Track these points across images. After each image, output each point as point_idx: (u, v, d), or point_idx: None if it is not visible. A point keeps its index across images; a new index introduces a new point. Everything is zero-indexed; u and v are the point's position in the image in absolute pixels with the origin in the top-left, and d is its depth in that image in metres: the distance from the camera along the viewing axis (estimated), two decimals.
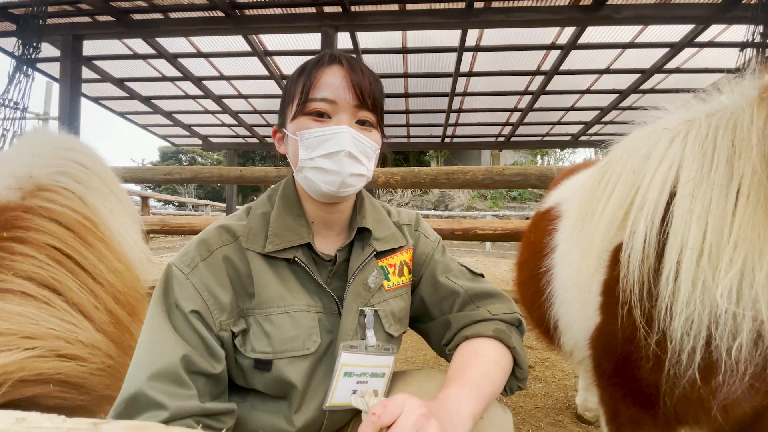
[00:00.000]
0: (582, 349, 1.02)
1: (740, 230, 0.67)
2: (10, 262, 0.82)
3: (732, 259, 0.67)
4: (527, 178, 2.77)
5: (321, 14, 4.06)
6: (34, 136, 1.26)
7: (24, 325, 0.73)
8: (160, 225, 3.54)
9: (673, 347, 0.72)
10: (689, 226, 0.72)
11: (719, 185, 0.70)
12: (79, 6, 4.11)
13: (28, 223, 0.91)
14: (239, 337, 0.70)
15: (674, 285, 0.72)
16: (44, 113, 7.81)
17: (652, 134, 0.89)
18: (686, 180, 0.75)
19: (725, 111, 0.77)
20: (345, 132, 0.70)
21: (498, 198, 17.72)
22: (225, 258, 0.71)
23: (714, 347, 0.69)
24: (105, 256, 1.02)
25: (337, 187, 0.71)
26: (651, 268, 0.77)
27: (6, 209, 0.92)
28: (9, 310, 0.74)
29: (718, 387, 0.70)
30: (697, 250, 0.70)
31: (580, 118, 7.26)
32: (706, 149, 0.75)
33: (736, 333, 0.66)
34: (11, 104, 3.49)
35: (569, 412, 2.00)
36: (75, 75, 4.37)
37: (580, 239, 1.00)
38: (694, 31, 4.23)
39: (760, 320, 0.66)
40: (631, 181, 0.87)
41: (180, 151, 24.21)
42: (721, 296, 0.66)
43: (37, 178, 1.04)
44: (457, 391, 0.63)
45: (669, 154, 0.81)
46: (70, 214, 1.01)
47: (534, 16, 3.86)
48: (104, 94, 6.48)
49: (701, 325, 0.68)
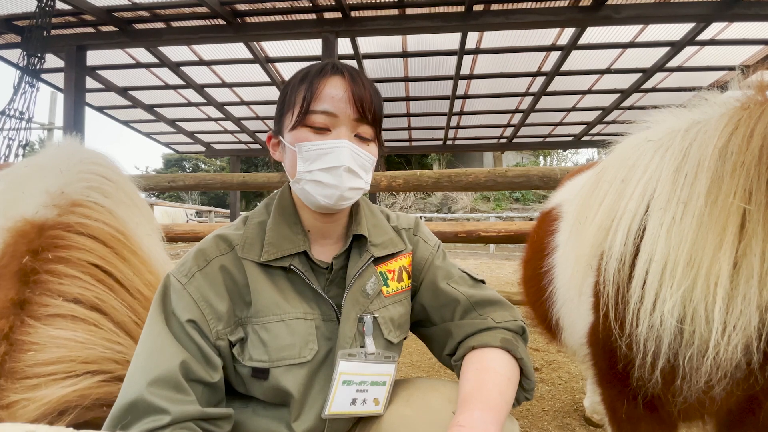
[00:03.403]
0: (582, 347, 1.04)
1: (693, 249, 0.70)
2: (57, 286, 0.83)
3: (683, 277, 0.70)
4: (530, 179, 2.76)
5: (321, 20, 4.09)
6: (55, 150, 1.26)
7: (80, 351, 0.76)
8: (164, 232, 3.56)
9: (638, 350, 0.76)
10: (657, 239, 0.75)
11: (683, 202, 0.73)
12: (82, 17, 4.18)
13: (68, 242, 0.91)
14: (237, 345, 0.70)
15: (641, 293, 0.76)
16: (49, 123, 7.90)
17: (641, 144, 0.91)
18: (659, 194, 0.79)
19: (702, 125, 0.79)
20: (344, 147, 0.70)
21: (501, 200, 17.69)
22: (222, 267, 0.71)
23: (672, 355, 0.73)
24: (139, 269, 1.03)
25: (334, 200, 0.72)
26: (625, 276, 0.81)
27: (46, 227, 0.92)
28: (64, 336, 0.76)
29: (678, 391, 0.74)
30: (662, 264, 0.73)
31: (582, 119, 7.26)
32: (678, 165, 0.78)
33: (688, 345, 0.70)
34: (17, 114, 3.53)
35: (577, 415, 1.98)
36: (79, 85, 4.43)
37: (575, 243, 1.03)
38: (695, 29, 4.22)
39: (700, 335, 0.69)
40: (619, 190, 0.90)
41: (183, 158, 24.39)
42: (668, 311, 0.70)
43: (69, 194, 1.04)
44: (481, 415, 0.61)
45: (651, 166, 0.84)
46: (104, 228, 1.01)
47: (533, 17, 3.88)
48: (108, 103, 6.56)
49: (662, 333, 0.72)
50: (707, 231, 0.68)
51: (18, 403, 0.67)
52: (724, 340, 0.65)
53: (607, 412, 0.99)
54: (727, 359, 0.66)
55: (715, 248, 0.67)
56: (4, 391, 0.68)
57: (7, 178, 1.15)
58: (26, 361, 0.72)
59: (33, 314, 0.78)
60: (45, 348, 0.74)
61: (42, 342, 0.75)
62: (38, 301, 0.80)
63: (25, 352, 0.73)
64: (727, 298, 0.66)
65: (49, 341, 0.75)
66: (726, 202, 0.67)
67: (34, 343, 0.74)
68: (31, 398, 0.68)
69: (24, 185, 1.06)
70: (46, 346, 0.74)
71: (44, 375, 0.71)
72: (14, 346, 0.73)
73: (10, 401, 0.67)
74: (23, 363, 0.71)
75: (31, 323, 0.76)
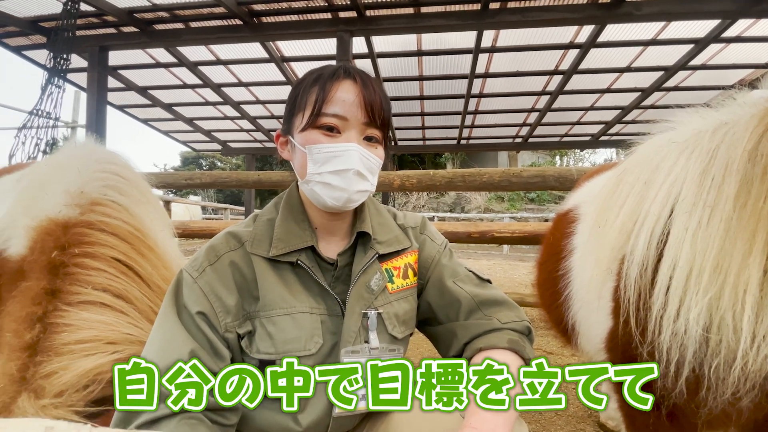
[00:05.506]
0: (600, 353, 1.02)
1: (720, 255, 0.67)
2: (86, 277, 0.92)
3: (710, 283, 0.68)
4: (545, 179, 2.72)
5: (336, 20, 4.11)
6: (71, 149, 1.32)
7: (105, 332, 0.85)
8: (182, 229, 3.63)
9: (661, 359, 0.74)
10: (682, 243, 0.73)
11: (710, 206, 0.71)
12: (104, 18, 4.29)
13: (92, 239, 0.99)
14: (245, 338, 0.73)
15: (664, 299, 0.74)
16: (72, 121, 8.14)
17: (665, 146, 0.89)
18: (684, 197, 0.76)
19: (730, 126, 0.76)
20: (354, 150, 0.72)
21: (516, 200, 17.47)
22: (231, 263, 0.74)
23: (697, 364, 0.71)
24: (156, 264, 1.09)
25: (342, 202, 0.74)
26: (647, 281, 0.79)
27: (70, 225, 0.99)
28: (92, 319, 0.86)
29: (703, 401, 0.72)
30: (687, 269, 0.71)
31: (600, 118, 7.10)
32: (705, 167, 0.75)
33: (714, 354, 0.68)
34: (45, 114, 3.65)
35: (591, 421, 1.94)
36: (101, 84, 4.55)
37: (593, 246, 1.01)
38: (720, 26, 4.08)
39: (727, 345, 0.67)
40: (642, 192, 0.88)
41: (200, 156, 24.83)
42: (693, 319, 0.68)
43: (89, 193, 1.10)
44: (492, 417, 0.62)
45: (675, 168, 0.82)
46: (123, 226, 1.07)
47: (551, 15, 3.80)
48: (128, 102, 6.72)
49: (687, 341, 0.70)
50: (735, 236, 0.66)
51: (55, 373, 0.76)
52: (753, 351, 0.63)
53: (624, 420, 0.97)
54: (756, 370, 0.63)
55: (744, 254, 0.65)
56: (42, 364, 0.78)
57: (27, 177, 1.20)
58: (61, 340, 0.81)
59: (66, 301, 0.87)
60: (78, 329, 0.83)
61: (75, 324, 0.84)
62: (69, 289, 0.88)
63: (60, 333, 0.82)
64: (757, 306, 0.63)
65: (82, 323, 0.84)
66: (756, 207, 0.65)
67: (68, 324, 0.83)
68: (67, 367, 0.77)
69: (45, 185, 1.11)
70: (79, 327, 0.83)
71: (77, 351, 0.80)
72: (49, 328, 0.82)
73: (48, 371, 0.77)
74: (58, 342, 0.80)
75: (64, 308, 0.85)
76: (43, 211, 1.02)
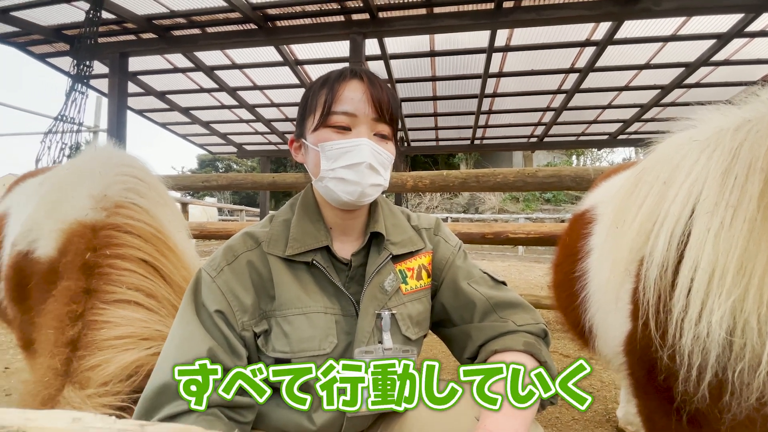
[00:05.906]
0: (618, 356, 1.00)
1: (744, 256, 0.65)
2: (119, 277, 0.97)
3: (733, 285, 0.65)
4: (561, 179, 2.67)
5: (349, 22, 4.13)
6: (90, 154, 1.37)
7: (141, 329, 0.91)
8: (199, 230, 3.70)
9: (682, 362, 0.72)
10: (704, 244, 0.71)
11: (732, 206, 0.68)
12: (125, 25, 4.41)
13: (120, 240, 1.04)
14: (261, 337, 0.74)
15: (685, 302, 0.72)
16: (95, 126, 8.40)
17: (685, 144, 0.87)
18: (706, 197, 0.74)
19: (754, 123, 0.74)
20: (365, 144, 0.74)
21: (531, 200, 17.23)
22: (249, 263, 0.76)
23: (720, 368, 0.68)
24: (176, 264, 1.13)
25: (356, 197, 0.75)
26: (668, 283, 0.77)
27: (98, 228, 1.04)
28: (129, 317, 0.91)
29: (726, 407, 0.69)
30: (709, 271, 0.69)
31: (618, 116, 6.94)
32: (727, 166, 0.73)
33: (738, 359, 0.66)
34: (69, 120, 3.78)
35: (609, 426, 1.90)
36: (122, 89, 4.68)
37: (611, 247, 0.99)
38: (744, 20, 3.94)
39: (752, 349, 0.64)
40: (661, 192, 0.86)
41: (216, 159, 25.29)
42: (716, 322, 0.66)
43: (111, 196, 1.14)
44: (507, 420, 0.62)
45: (696, 167, 0.79)
46: (146, 228, 1.12)
47: (566, 13, 3.74)
48: (147, 107, 6.89)
49: (709, 345, 0.68)
50: (760, 237, 0.64)
51: (99, 366, 0.81)
52: None
53: (644, 425, 0.95)
54: None
55: None
56: (86, 358, 0.83)
57: (50, 181, 1.24)
58: (102, 336, 0.86)
59: (102, 299, 0.92)
60: (116, 326, 0.88)
61: (113, 321, 0.89)
62: (105, 289, 0.94)
63: (99, 330, 0.87)
64: None
65: (120, 320, 0.89)
66: None
67: (107, 321, 0.89)
68: (110, 360, 0.82)
69: (68, 189, 1.16)
70: (117, 324, 0.89)
71: (118, 347, 0.85)
72: (88, 325, 0.88)
73: (92, 364, 0.82)
74: (99, 337, 0.86)
75: (101, 306, 0.91)
76: (70, 214, 1.06)
